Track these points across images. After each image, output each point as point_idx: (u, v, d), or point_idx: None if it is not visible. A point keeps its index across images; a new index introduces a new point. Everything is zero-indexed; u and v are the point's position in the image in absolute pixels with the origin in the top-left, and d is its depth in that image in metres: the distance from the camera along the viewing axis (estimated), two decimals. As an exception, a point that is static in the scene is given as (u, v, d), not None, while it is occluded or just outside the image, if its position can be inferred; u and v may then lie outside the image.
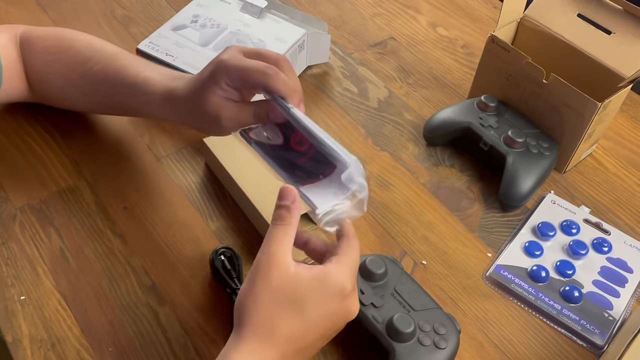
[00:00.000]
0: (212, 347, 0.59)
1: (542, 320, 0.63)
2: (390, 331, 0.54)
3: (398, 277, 0.59)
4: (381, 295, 0.57)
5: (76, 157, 0.75)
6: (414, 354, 0.54)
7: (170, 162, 0.75)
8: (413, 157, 0.78)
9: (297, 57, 0.83)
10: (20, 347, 0.58)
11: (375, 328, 0.55)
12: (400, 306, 0.56)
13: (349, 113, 0.83)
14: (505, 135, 0.72)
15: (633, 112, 0.86)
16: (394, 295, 0.57)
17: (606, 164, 0.79)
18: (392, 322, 0.54)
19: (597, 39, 0.73)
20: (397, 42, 0.94)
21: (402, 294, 0.57)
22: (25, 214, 0.69)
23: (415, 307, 0.57)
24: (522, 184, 0.71)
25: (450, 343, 0.55)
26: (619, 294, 0.65)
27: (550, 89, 0.72)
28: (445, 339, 0.55)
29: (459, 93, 0.87)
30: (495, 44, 0.76)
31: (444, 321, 0.56)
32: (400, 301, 0.57)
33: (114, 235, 0.68)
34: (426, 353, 0.54)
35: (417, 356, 0.54)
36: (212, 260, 0.63)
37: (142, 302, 0.62)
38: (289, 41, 0.81)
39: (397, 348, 0.54)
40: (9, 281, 0.63)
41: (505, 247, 0.69)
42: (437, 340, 0.55)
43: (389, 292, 0.57)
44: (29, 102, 0.75)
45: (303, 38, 0.82)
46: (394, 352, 0.54)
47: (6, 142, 0.76)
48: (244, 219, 0.70)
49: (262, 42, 0.82)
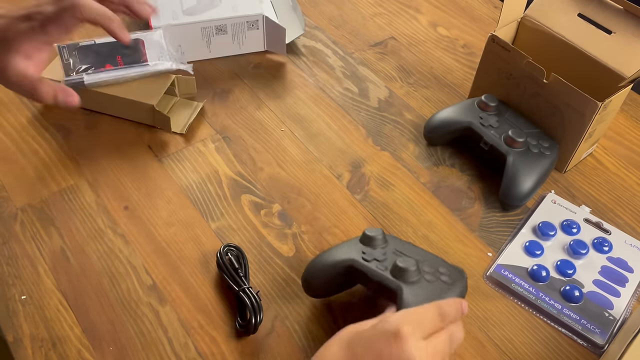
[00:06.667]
0: (213, 346, 0.60)
1: (543, 319, 0.63)
2: (395, 273, 0.55)
3: (398, 242, 0.60)
4: (384, 254, 0.58)
5: (77, 157, 0.75)
6: (421, 291, 0.54)
7: (171, 161, 0.75)
8: (413, 156, 0.78)
9: (246, 33, 0.87)
10: (21, 346, 0.59)
11: (380, 275, 0.56)
12: (404, 258, 0.57)
13: (349, 113, 0.83)
14: (506, 135, 0.72)
15: (633, 111, 0.86)
16: (396, 254, 0.58)
17: (607, 164, 0.79)
18: (396, 264, 0.55)
19: (597, 38, 0.73)
20: (398, 42, 0.94)
21: (404, 251, 0.58)
22: (26, 214, 0.69)
23: (417, 257, 0.57)
24: (522, 183, 0.71)
25: (458, 282, 0.56)
26: (619, 293, 0.65)
27: (551, 88, 0.72)
28: (452, 278, 0.55)
29: (460, 93, 0.87)
30: (495, 44, 0.76)
31: (448, 267, 0.57)
32: (402, 256, 0.57)
33: (114, 234, 0.68)
34: (434, 289, 0.54)
35: (425, 292, 0.54)
36: (220, 258, 0.63)
37: (142, 301, 0.62)
38: (239, 12, 0.86)
39: (403, 287, 0.54)
40: (10, 281, 0.63)
41: (505, 247, 0.69)
42: (444, 279, 0.55)
43: (391, 252, 0.58)
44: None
45: (257, 18, 0.86)
46: (400, 291, 0.54)
47: (7, 141, 0.76)
48: (244, 219, 0.70)
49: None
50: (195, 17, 0.85)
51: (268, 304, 0.62)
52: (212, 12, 0.86)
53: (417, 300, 0.53)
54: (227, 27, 0.86)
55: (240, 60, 0.89)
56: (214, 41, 0.87)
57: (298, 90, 0.85)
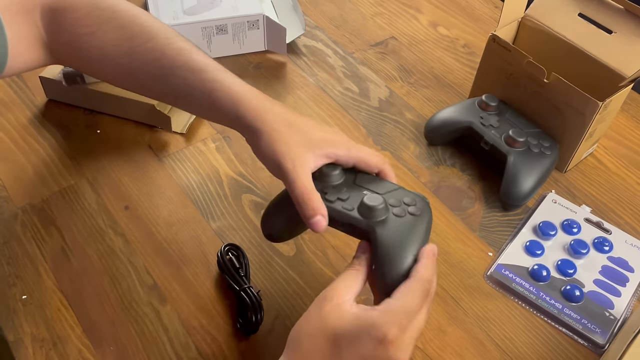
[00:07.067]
0: (214, 346, 0.60)
1: (543, 319, 0.63)
2: (363, 213, 0.53)
3: (355, 174, 0.58)
4: (344, 190, 0.56)
5: (77, 157, 0.75)
6: (393, 228, 0.53)
7: (172, 161, 0.75)
8: (414, 156, 0.78)
9: (247, 33, 0.87)
10: (22, 346, 0.59)
11: (348, 216, 0.54)
12: (365, 193, 0.55)
13: (349, 112, 0.83)
14: (506, 135, 0.72)
15: (634, 111, 0.86)
16: (356, 188, 0.56)
17: (607, 164, 0.79)
18: (362, 202, 0.53)
19: (598, 38, 0.73)
20: (398, 42, 0.94)
21: (363, 184, 0.57)
22: (27, 214, 0.69)
23: (380, 191, 0.56)
24: (523, 183, 0.71)
25: (425, 211, 0.55)
26: (620, 293, 0.65)
27: (551, 88, 0.72)
28: (418, 208, 0.54)
29: (460, 92, 0.87)
30: (496, 44, 0.76)
31: (411, 196, 0.56)
32: (364, 190, 0.56)
33: (115, 234, 0.68)
34: (405, 224, 0.53)
35: (397, 229, 0.53)
36: (220, 258, 0.63)
37: (143, 301, 0.62)
38: (239, 12, 0.86)
39: (375, 227, 0.53)
40: (11, 280, 0.63)
41: (506, 247, 0.69)
42: (411, 211, 0.54)
43: (351, 186, 0.56)
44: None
45: (257, 18, 0.86)
46: (374, 232, 0.52)
47: (8, 141, 0.76)
48: (245, 218, 0.70)
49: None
50: (195, 17, 0.86)
51: (269, 304, 0.62)
52: (212, 11, 0.86)
53: (392, 239, 0.52)
54: (227, 26, 0.86)
55: (240, 60, 0.89)
56: (215, 41, 0.87)
57: (298, 90, 0.85)
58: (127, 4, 0.63)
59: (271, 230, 0.60)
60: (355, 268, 0.51)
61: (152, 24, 0.62)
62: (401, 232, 0.52)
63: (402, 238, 0.52)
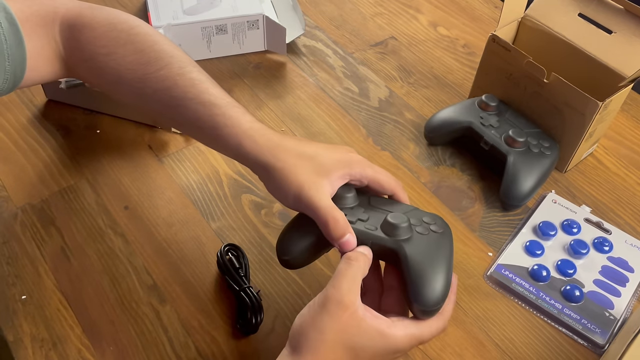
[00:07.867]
0: (213, 346, 0.60)
1: (543, 319, 0.63)
2: (387, 231, 0.53)
3: (368, 197, 0.58)
4: (363, 211, 0.56)
5: (77, 157, 0.75)
6: (421, 246, 0.53)
7: (172, 161, 0.75)
8: (414, 156, 0.78)
9: (247, 33, 0.88)
10: (21, 346, 0.59)
11: (373, 235, 0.54)
12: (384, 213, 0.55)
13: (349, 113, 0.83)
14: (506, 135, 0.72)
15: (634, 111, 0.86)
16: (373, 209, 0.56)
17: (607, 164, 0.79)
18: (386, 221, 0.53)
19: (598, 38, 0.73)
20: (398, 42, 0.94)
21: (379, 205, 0.57)
22: (27, 214, 0.69)
23: (397, 211, 0.56)
24: (523, 183, 0.71)
25: (446, 229, 0.55)
26: (620, 293, 0.65)
27: (551, 88, 0.72)
28: (440, 226, 0.55)
29: (460, 92, 0.87)
30: (496, 44, 0.76)
31: (429, 215, 0.56)
32: (381, 211, 0.56)
33: (115, 234, 0.68)
34: (431, 242, 0.53)
35: (425, 247, 0.53)
36: (220, 258, 0.63)
37: (143, 301, 0.62)
38: (239, 12, 0.86)
39: (403, 245, 0.52)
40: (10, 280, 0.63)
41: (506, 247, 0.69)
42: (433, 229, 0.54)
43: (367, 207, 0.56)
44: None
45: (257, 18, 0.86)
46: (402, 250, 0.52)
47: (7, 141, 0.76)
48: (245, 218, 0.70)
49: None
50: (195, 17, 0.86)
51: (268, 304, 0.62)
52: (212, 11, 0.86)
53: (421, 257, 0.52)
54: (227, 26, 0.86)
55: (240, 60, 0.89)
56: (214, 41, 0.87)
57: (298, 90, 0.85)
58: (147, 28, 0.63)
59: (290, 257, 0.56)
60: (358, 262, 0.51)
61: (168, 51, 0.61)
62: (430, 250, 0.53)
63: (432, 256, 0.52)
